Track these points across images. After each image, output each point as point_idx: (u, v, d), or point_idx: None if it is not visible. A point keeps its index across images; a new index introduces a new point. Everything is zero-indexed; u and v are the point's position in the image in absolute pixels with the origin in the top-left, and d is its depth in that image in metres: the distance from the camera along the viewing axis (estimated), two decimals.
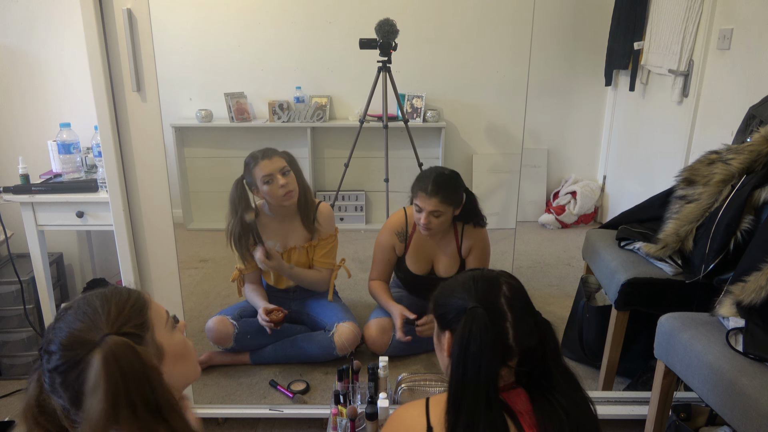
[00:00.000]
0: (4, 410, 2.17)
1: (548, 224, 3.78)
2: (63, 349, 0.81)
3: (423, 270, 2.28)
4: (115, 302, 0.85)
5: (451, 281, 1.09)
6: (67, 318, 0.84)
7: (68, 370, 0.80)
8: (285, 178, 2.09)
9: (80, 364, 0.79)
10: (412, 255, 2.26)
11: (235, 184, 2.17)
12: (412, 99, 3.54)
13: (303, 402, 2.07)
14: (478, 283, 1.04)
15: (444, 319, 1.05)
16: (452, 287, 1.07)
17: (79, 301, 0.86)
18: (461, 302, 1.02)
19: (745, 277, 1.43)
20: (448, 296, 1.06)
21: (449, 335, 1.03)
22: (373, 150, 3.50)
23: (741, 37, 2.28)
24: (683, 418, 1.73)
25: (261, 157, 2.10)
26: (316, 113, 3.48)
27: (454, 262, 2.25)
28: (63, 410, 0.83)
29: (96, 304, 0.85)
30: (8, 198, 2.15)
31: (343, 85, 3.61)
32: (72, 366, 0.80)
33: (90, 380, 0.77)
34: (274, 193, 2.09)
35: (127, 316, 0.84)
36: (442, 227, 2.11)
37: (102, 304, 0.85)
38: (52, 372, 0.81)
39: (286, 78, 3.58)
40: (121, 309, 0.85)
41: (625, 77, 3.39)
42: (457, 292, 1.04)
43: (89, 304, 0.85)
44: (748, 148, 1.70)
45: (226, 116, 3.53)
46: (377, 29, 2.63)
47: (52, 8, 2.38)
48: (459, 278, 1.08)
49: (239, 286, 2.29)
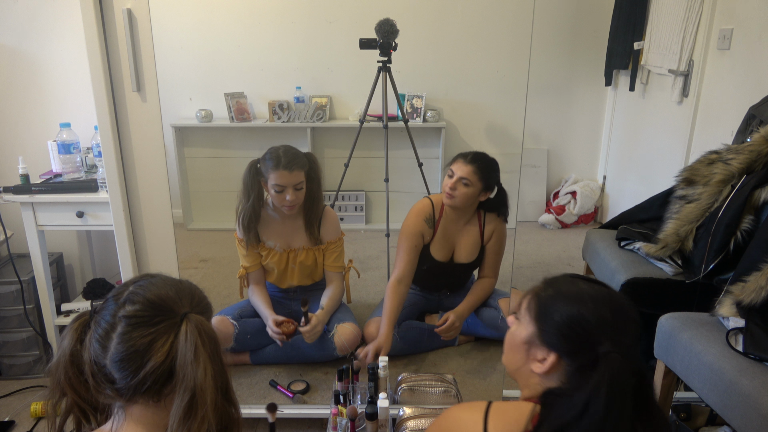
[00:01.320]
0: (4, 410, 2.17)
1: (548, 224, 3.78)
2: (149, 305, 0.84)
3: (445, 257, 2.32)
4: (198, 293, 0.92)
5: (577, 294, 0.94)
6: (155, 282, 0.88)
7: (141, 324, 0.82)
8: (295, 194, 2.06)
9: (156, 327, 0.82)
10: (437, 241, 2.29)
11: (249, 165, 2.10)
12: (412, 99, 3.54)
13: (303, 402, 2.07)
14: (617, 314, 0.92)
15: (557, 338, 0.93)
16: (579, 304, 0.92)
17: (165, 278, 0.91)
18: (592, 336, 0.89)
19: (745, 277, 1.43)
20: (574, 317, 0.92)
21: (555, 357, 0.93)
22: (373, 150, 3.50)
23: (741, 37, 2.28)
24: (683, 418, 1.73)
25: (283, 166, 2.01)
26: (316, 113, 3.48)
27: (475, 247, 2.31)
28: (93, 364, 0.84)
29: (184, 284, 0.90)
30: (8, 198, 2.15)
31: (343, 85, 3.61)
32: (146, 322, 0.82)
33: (186, 352, 0.81)
34: (279, 201, 2.08)
35: (204, 307, 0.90)
36: (464, 201, 2.17)
37: (189, 287, 0.91)
38: (123, 318, 0.83)
39: (286, 78, 3.58)
40: (202, 300, 0.91)
41: (625, 77, 3.39)
42: (587, 317, 0.91)
43: (178, 282, 0.90)
44: (748, 148, 1.70)
45: (226, 116, 3.53)
46: (377, 29, 2.63)
47: (52, 8, 2.38)
48: (587, 293, 0.94)
49: (242, 285, 2.28)
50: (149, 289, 0.86)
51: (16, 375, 2.36)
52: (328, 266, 2.25)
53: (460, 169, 2.14)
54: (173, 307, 0.85)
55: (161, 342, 0.82)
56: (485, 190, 2.19)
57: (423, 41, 3.48)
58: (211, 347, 0.83)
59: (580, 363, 0.90)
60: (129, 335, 0.82)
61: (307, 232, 2.20)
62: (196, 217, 3.72)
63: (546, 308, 0.96)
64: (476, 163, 2.14)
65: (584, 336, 0.90)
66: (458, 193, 2.15)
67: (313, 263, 2.25)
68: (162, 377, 0.82)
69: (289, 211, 2.11)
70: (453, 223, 2.29)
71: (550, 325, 0.94)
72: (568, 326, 0.92)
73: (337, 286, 2.26)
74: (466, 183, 2.14)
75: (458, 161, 2.17)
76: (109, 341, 0.83)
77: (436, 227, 2.28)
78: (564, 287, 0.97)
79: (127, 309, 0.83)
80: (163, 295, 0.85)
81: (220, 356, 0.85)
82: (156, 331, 0.82)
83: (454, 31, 3.54)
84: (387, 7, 2.89)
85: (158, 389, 0.83)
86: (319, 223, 2.21)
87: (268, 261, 2.22)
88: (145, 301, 0.84)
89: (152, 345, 0.81)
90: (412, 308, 2.41)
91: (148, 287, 0.86)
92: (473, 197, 2.18)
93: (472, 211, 2.28)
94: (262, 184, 2.12)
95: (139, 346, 0.81)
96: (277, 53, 3.55)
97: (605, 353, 0.87)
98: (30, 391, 2.29)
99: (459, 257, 2.32)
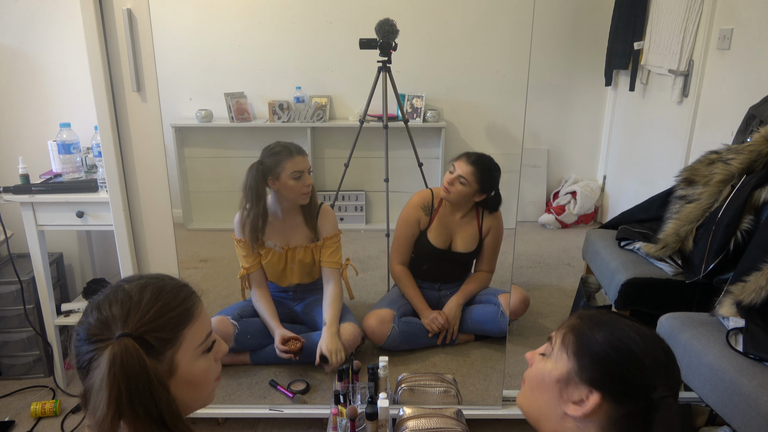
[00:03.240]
0: (4, 410, 2.17)
1: (548, 224, 3.78)
2: (93, 320, 0.81)
3: (443, 244, 2.38)
4: (162, 305, 0.82)
5: (625, 330, 0.84)
6: (117, 293, 0.83)
7: (82, 341, 0.80)
8: (310, 178, 2.13)
9: (92, 346, 0.79)
10: (435, 229, 2.37)
11: (253, 169, 2.10)
12: (412, 99, 3.54)
13: (303, 402, 2.07)
14: (669, 356, 0.83)
15: (603, 376, 0.82)
16: (630, 341, 0.83)
17: (138, 284, 0.84)
18: (646, 379, 0.81)
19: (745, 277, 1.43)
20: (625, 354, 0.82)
21: (598, 398, 0.82)
22: (373, 150, 3.50)
23: (741, 37, 2.28)
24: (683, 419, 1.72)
25: (296, 152, 2.09)
26: (316, 113, 3.48)
27: (472, 239, 2.38)
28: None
29: (145, 296, 0.82)
30: (8, 198, 2.15)
31: (343, 85, 3.61)
32: (86, 340, 0.80)
33: (96, 377, 0.76)
34: (297, 189, 2.10)
35: (159, 325, 0.80)
36: (459, 197, 2.28)
37: (148, 300, 0.81)
38: (76, 327, 0.82)
39: (286, 78, 3.58)
40: (160, 315, 0.81)
41: (625, 77, 3.39)
42: (640, 356, 0.82)
43: (142, 293, 0.82)
44: (748, 148, 1.70)
45: (226, 116, 3.53)
46: (377, 29, 2.63)
47: (52, 8, 2.38)
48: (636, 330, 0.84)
49: (243, 286, 2.28)
50: (105, 302, 0.82)
51: (16, 375, 2.36)
52: (325, 261, 2.25)
53: (461, 168, 2.24)
54: (112, 326, 0.79)
55: (96, 363, 0.78)
56: (481, 192, 2.28)
57: (423, 41, 3.48)
58: (119, 380, 0.75)
59: (629, 409, 0.80)
60: (77, 346, 0.81)
61: (308, 227, 2.21)
62: (196, 217, 3.72)
63: (589, 342, 0.84)
64: (477, 166, 2.23)
65: (638, 377, 0.81)
66: (455, 189, 2.26)
67: (311, 261, 2.26)
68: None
69: (305, 198, 2.15)
70: (450, 215, 2.38)
71: (596, 361, 0.83)
72: (619, 364, 0.81)
73: (336, 287, 2.26)
74: (464, 182, 2.24)
75: (461, 159, 2.26)
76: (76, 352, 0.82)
77: (433, 216, 2.37)
78: (610, 326, 0.85)
79: (82, 319, 0.82)
80: (108, 313, 0.80)
81: (144, 388, 0.76)
82: (92, 350, 0.79)
83: (454, 31, 3.54)
84: (387, 7, 2.88)
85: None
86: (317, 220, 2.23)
87: (267, 260, 2.23)
88: (91, 316, 0.81)
89: (90, 363, 0.79)
90: None
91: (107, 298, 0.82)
92: (468, 196, 2.27)
93: (468, 207, 2.36)
94: (269, 183, 2.12)
95: (81, 361, 0.80)
96: (277, 53, 3.56)
97: (662, 398, 0.78)
98: (30, 391, 2.29)
99: (456, 246, 2.39)
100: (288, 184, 2.09)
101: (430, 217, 2.37)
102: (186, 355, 0.83)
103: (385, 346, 2.27)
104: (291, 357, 2.10)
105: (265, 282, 2.28)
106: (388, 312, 2.28)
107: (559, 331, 0.90)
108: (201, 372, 0.86)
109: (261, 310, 2.23)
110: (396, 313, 2.30)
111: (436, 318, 2.32)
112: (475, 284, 2.43)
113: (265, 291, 2.27)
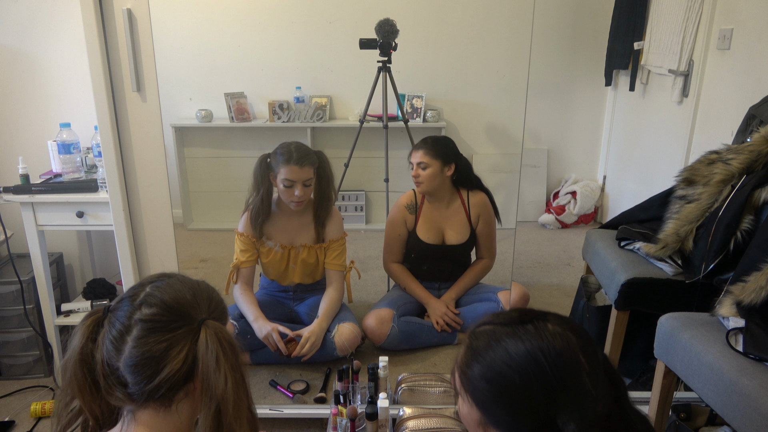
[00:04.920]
0: (4, 410, 2.17)
1: (548, 224, 3.78)
2: (166, 308, 0.81)
3: (435, 239, 2.40)
4: (215, 297, 0.89)
5: (507, 364, 0.75)
6: (172, 283, 0.85)
7: (157, 329, 0.79)
8: (303, 190, 2.08)
9: (173, 333, 0.80)
10: (423, 225, 2.39)
11: (260, 160, 2.13)
12: (412, 99, 3.54)
13: (303, 402, 2.07)
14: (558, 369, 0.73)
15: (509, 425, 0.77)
16: (516, 378, 0.74)
17: (182, 279, 0.88)
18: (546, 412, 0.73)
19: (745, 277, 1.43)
20: (515, 397, 0.75)
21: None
22: (373, 150, 3.50)
23: (741, 37, 2.28)
24: (683, 418, 1.73)
25: (295, 161, 2.04)
26: (316, 113, 3.48)
27: (463, 228, 2.40)
28: (105, 365, 0.82)
29: (201, 287, 0.88)
30: (8, 198, 2.15)
31: (343, 85, 3.61)
32: (163, 327, 0.80)
33: (208, 360, 0.79)
34: (287, 197, 2.10)
35: (220, 313, 0.88)
36: (431, 182, 2.31)
37: (206, 291, 0.88)
38: (139, 321, 0.80)
39: (286, 78, 3.58)
40: (218, 305, 0.89)
41: (625, 77, 3.39)
42: (530, 391, 0.74)
43: (196, 285, 0.88)
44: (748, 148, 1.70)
45: (226, 116, 3.53)
46: (377, 29, 2.63)
47: (52, 8, 2.38)
48: (517, 359, 0.75)
49: (230, 278, 2.24)
50: (167, 292, 0.83)
51: (16, 375, 2.36)
52: (329, 264, 2.25)
53: (414, 156, 2.33)
54: (191, 312, 0.82)
55: (178, 349, 0.79)
56: (445, 164, 2.31)
57: (423, 41, 3.48)
58: (232, 355, 0.81)
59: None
60: (145, 340, 0.79)
61: (316, 230, 2.21)
62: (196, 217, 3.71)
63: (479, 392, 0.78)
64: (426, 145, 2.31)
65: (534, 416, 0.74)
66: (422, 177, 2.31)
67: (315, 261, 2.26)
68: (177, 384, 0.80)
69: (296, 207, 2.12)
70: (436, 209, 2.40)
71: (489, 408, 0.78)
72: (511, 410, 0.75)
73: (337, 288, 2.25)
74: (423, 166, 2.30)
75: (412, 152, 2.36)
76: (124, 344, 0.79)
77: (418, 214, 2.39)
78: (486, 355, 0.78)
79: (143, 312, 0.80)
80: (180, 299, 0.82)
81: (240, 364, 0.82)
82: (173, 338, 0.79)
83: (454, 31, 3.54)
84: (387, 7, 2.88)
85: (171, 395, 0.81)
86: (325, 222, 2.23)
87: (269, 259, 2.23)
88: (162, 304, 0.81)
89: (168, 351, 0.79)
90: (412, 304, 2.43)
91: (165, 289, 0.83)
92: (437, 176, 2.31)
93: (447, 190, 2.38)
94: (271, 178, 2.13)
95: (155, 351, 0.78)
96: (277, 53, 3.55)
97: (564, 425, 0.72)
98: (30, 391, 2.29)
99: (449, 239, 2.40)
100: (279, 187, 2.10)
101: (416, 215, 2.39)
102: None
103: (385, 346, 2.27)
104: (285, 352, 2.08)
105: (251, 281, 2.26)
106: (388, 311, 2.28)
107: (453, 368, 0.85)
108: None
109: (244, 302, 2.18)
110: (396, 312, 2.30)
111: (445, 314, 2.35)
112: (471, 273, 2.45)
113: (249, 290, 2.23)
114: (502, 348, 0.77)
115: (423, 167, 2.30)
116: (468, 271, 2.47)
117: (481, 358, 0.78)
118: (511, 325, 0.79)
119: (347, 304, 2.38)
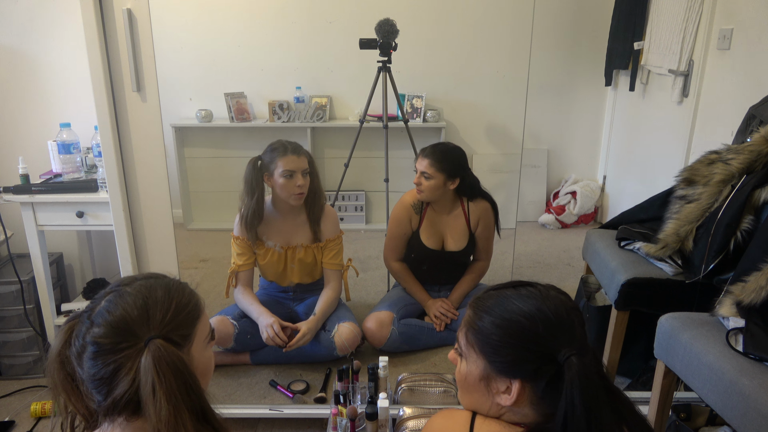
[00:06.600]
0: (4, 410, 2.17)
1: (548, 224, 3.78)
2: (111, 329, 0.79)
3: (436, 245, 2.38)
4: (176, 304, 0.83)
5: (512, 310, 0.88)
6: (125, 297, 0.82)
7: (105, 352, 0.79)
8: (304, 179, 2.10)
9: (119, 355, 0.78)
10: (426, 229, 2.36)
11: (251, 163, 2.12)
12: (412, 99, 3.54)
13: (303, 402, 2.07)
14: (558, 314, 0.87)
15: (513, 366, 0.87)
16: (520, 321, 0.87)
17: (142, 285, 0.84)
18: (547, 349, 0.85)
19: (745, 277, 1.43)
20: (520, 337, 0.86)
21: (519, 384, 0.87)
22: (373, 150, 3.51)
23: (741, 37, 2.28)
24: (683, 418, 1.73)
25: (291, 151, 2.08)
26: (316, 113, 3.48)
27: (463, 235, 2.37)
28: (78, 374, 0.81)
29: (158, 296, 0.83)
30: (8, 198, 2.15)
31: (343, 85, 3.61)
32: (110, 350, 0.78)
33: (145, 386, 0.76)
34: (288, 189, 2.09)
35: (179, 323, 0.83)
36: (432, 192, 2.26)
37: (163, 299, 0.83)
38: (89, 343, 0.79)
39: (286, 78, 3.58)
40: (178, 313, 0.83)
41: (625, 77, 3.39)
42: (533, 331, 0.86)
43: (151, 293, 0.83)
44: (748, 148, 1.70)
45: (226, 116, 3.54)
46: (377, 29, 2.63)
47: (52, 8, 2.38)
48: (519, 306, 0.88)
49: (229, 283, 2.25)
50: (118, 307, 0.80)
51: (16, 375, 2.36)
52: (326, 263, 2.25)
53: (421, 164, 2.25)
54: (137, 330, 0.79)
55: (125, 370, 0.78)
56: (449, 179, 2.26)
57: (423, 41, 3.48)
58: (175, 380, 0.76)
59: (547, 379, 0.85)
60: (94, 362, 0.78)
61: (311, 228, 2.21)
62: (196, 217, 3.72)
63: (484, 334, 0.89)
64: (433, 156, 2.23)
65: (538, 349, 0.85)
66: (424, 186, 2.25)
67: (312, 261, 2.26)
68: (134, 400, 0.78)
69: (297, 199, 2.12)
70: (438, 214, 2.37)
71: (498, 352, 0.88)
72: (518, 349, 0.86)
73: (334, 288, 2.26)
74: (427, 176, 2.23)
75: (419, 156, 2.27)
76: (82, 362, 0.80)
77: (423, 214, 2.36)
78: (496, 309, 0.90)
79: (93, 331, 0.79)
80: (128, 317, 0.79)
81: (187, 383, 0.78)
82: (121, 359, 0.78)
83: (454, 31, 3.54)
84: (387, 7, 2.88)
85: (134, 408, 0.79)
86: (320, 221, 2.22)
87: (267, 260, 2.23)
88: (108, 325, 0.79)
89: (117, 372, 0.78)
90: (412, 306, 2.42)
91: (117, 304, 0.81)
92: (439, 188, 2.26)
93: (449, 200, 2.34)
94: (265, 179, 2.13)
95: (104, 373, 0.78)
96: (277, 53, 3.55)
97: (566, 359, 0.83)
98: (30, 391, 2.29)
99: (449, 245, 2.38)
100: (279, 182, 2.09)
101: (420, 216, 2.37)
102: (198, 347, 0.86)
103: (385, 349, 2.27)
104: (283, 345, 2.07)
105: (251, 283, 2.27)
106: (388, 315, 2.27)
107: (461, 329, 0.95)
108: (208, 361, 0.90)
109: (246, 302, 2.19)
110: (395, 315, 2.29)
111: (441, 306, 2.36)
112: (469, 278, 2.44)
113: (250, 290, 2.24)
114: (510, 301, 0.89)
115: (426, 177, 2.23)
116: (465, 275, 2.45)
117: (491, 311, 0.90)
118: (514, 287, 0.93)
119: (346, 303, 2.38)
